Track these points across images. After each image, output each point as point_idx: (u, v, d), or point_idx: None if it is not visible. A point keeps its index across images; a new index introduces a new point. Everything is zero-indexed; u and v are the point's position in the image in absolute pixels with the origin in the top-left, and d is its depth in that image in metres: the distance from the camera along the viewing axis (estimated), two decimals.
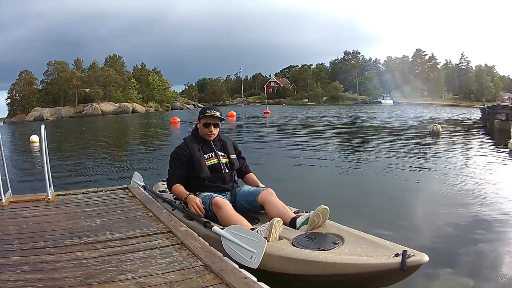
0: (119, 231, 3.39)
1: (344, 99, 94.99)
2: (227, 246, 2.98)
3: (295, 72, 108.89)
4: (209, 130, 4.08)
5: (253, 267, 2.71)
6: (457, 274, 3.41)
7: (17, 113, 77.79)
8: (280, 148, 13.42)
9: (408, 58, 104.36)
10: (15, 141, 23.75)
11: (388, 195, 6.36)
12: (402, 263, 2.45)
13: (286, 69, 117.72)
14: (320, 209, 3.29)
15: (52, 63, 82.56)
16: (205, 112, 4.10)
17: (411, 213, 5.30)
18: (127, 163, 11.40)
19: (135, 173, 5.89)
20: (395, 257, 2.55)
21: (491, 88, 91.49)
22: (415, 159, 10.10)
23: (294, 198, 4.82)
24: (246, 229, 3.02)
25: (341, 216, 3.74)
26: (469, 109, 38.40)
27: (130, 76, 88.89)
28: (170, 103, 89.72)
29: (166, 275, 2.46)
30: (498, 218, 4.89)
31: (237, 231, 2.98)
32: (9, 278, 2.44)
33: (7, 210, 4.23)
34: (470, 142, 14.97)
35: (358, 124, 26.31)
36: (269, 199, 3.68)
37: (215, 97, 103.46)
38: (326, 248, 2.88)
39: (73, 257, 2.81)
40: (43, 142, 4.79)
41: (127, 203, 4.51)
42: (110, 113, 74.11)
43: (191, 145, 4.06)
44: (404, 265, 2.44)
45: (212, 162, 4.04)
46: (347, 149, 12.95)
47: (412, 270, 2.50)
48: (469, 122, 26.48)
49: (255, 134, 20.08)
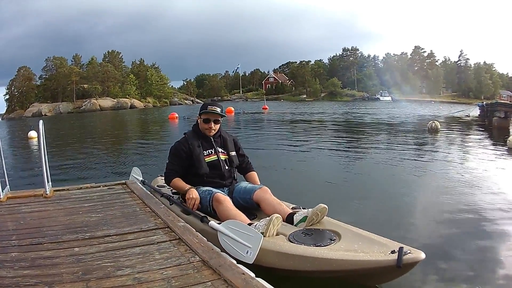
0: (117, 227, 3.39)
1: (343, 96, 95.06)
2: (223, 241, 2.98)
3: (294, 68, 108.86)
4: (209, 126, 4.06)
5: (248, 262, 2.70)
6: (454, 272, 3.40)
7: (16, 109, 77.69)
8: (278, 144, 13.42)
9: (407, 55, 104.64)
10: (13, 137, 23.70)
11: (386, 192, 6.38)
12: (398, 260, 2.43)
13: (285, 65, 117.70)
14: (320, 208, 3.28)
15: (50, 59, 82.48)
16: (206, 108, 4.07)
17: (409, 209, 5.30)
18: (125, 159, 11.39)
19: (134, 168, 5.90)
20: (391, 254, 2.54)
21: (489, 86, 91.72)
22: (413, 156, 10.12)
23: (292, 193, 4.84)
24: (243, 224, 3.03)
25: (338, 212, 3.76)
26: (468, 107, 38.44)
27: (129, 71, 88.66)
28: (168, 99, 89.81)
29: (163, 271, 2.46)
30: (496, 215, 4.88)
31: (234, 226, 2.98)
32: (7, 274, 2.44)
33: (5, 206, 4.22)
34: (469, 139, 14.98)
35: (356, 121, 26.33)
36: (264, 197, 3.69)
37: (213, 93, 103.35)
38: (323, 244, 2.87)
39: (71, 252, 2.80)
40: (41, 137, 4.78)
41: (125, 198, 4.50)
42: (108, 108, 74.07)
43: (191, 140, 4.04)
44: (400, 263, 2.42)
45: (211, 159, 4.03)
46: (345, 145, 12.92)
47: (409, 267, 2.49)
48: (468, 120, 26.54)
49: (253, 130, 20.05)
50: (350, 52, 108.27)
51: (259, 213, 3.70)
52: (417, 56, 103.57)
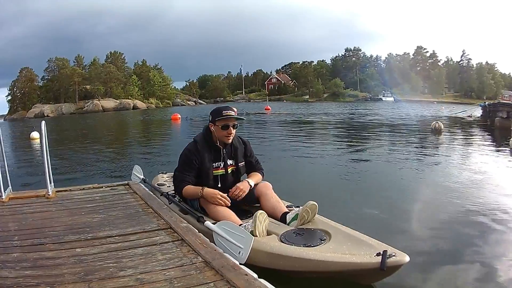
0: (119, 227, 3.39)
1: (345, 96, 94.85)
2: (217, 241, 3.03)
3: (296, 69, 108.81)
4: (228, 132, 3.76)
5: (241, 262, 2.72)
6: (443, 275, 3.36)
7: (18, 110, 77.85)
8: (280, 144, 13.43)
9: (409, 55, 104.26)
10: (16, 138, 23.71)
11: (386, 192, 6.30)
12: (382, 263, 2.49)
13: (287, 65, 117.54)
14: (309, 205, 3.32)
15: (53, 59, 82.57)
16: (221, 114, 3.74)
17: (406, 211, 5.21)
18: (128, 159, 11.37)
19: (135, 166, 5.93)
20: (376, 256, 2.58)
21: (492, 86, 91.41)
22: (417, 156, 10.10)
23: (289, 192, 4.80)
24: (234, 225, 3.07)
25: (334, 211, 3.82)
26: (470, 107, 38.37)
27: (131, 72, 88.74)
28: (171, 100, 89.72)
29: (166, 272, 2.46)
30: (496, 218, 4.77)
31: (227, 227, 3.03)
32: (8, 275, 2.44)
33: (7, 206, 4.22)
34: (471, 140, 14.96)
35: (359, 121, 26.31)
36: (265, 192, 3.70)
37: (216, 93, 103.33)
38: (313, 244, 2.93)
39: (73, 253, 2.80)
40: (43, 138, 4.77)
41: (127, 199, 4.50)
42: (111, 109, 74.13)
43: (202, 152, 3.78)
44: (384, 265, 2.48)
45: (218, 172, 3.87)
46: (347, 146, 12.91)
47: (392, 270, 2.55)
48: (470, 120, 26.50)
49: (256, 130, 20.03)
50: (353, 52, 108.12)
51: (255, 210, 3.68)
52: (419, 56, 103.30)
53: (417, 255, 3.36)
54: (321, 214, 3.41)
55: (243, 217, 3.57)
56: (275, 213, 3.51)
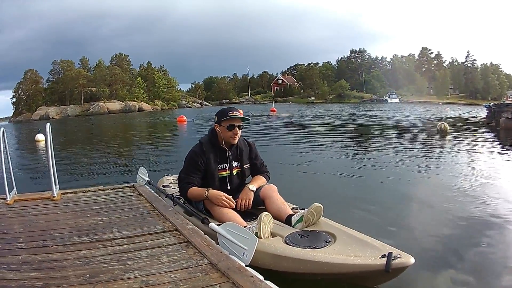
0: (125, 230, 3.38)
1: (351, 98, 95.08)
2: (222, 242, 3.01)
3: (302, 71, 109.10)
4: (234, 133, 3.76)
5: (245, 263, 2.70)
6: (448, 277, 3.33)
7: (23, 112, 78.23)
8: (285, 146, 13.39)
9: (414, 57, 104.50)
10: (21, 140, 23.86)
11: (391, 194, 6.28)
12: (386, 265, 2.47)
13: (293, 67, 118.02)
14: (314, 207, 3.30)
15: (58, 62, 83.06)
16: (227, 114, 3.75)
17: (411, 213, 5.22)
18: (134, 161, 11.37)
19: (140, 168, 5.90)
20: (381, 258, 2.56)
21: (496, 87, 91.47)
22: (423, 157, 10.08)
23: (294, 194, 4.79)
24: (239, 226, 3.03)
25: (339, 213, 3.79)
26: (475, 108, 38.25)
27: (137, 74, 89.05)
28: (177, 102, 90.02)
29: (172, 274, 2.45)
30: (503, 219, 4.72)
31: (231, 228, 3.00)
32: (13, 277, 2.43)
33: (12, 209, 4.23)
34: (477, 140, 14.86)
35: (364, 123, 26.23)
36: (270, 195, 3.67)
37: (221, 95, 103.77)
38: (317, 246, 2.91)
39: (78, 255, 2.79)
40: (48, 140, 4.78)
41: (133, 201, 4.50)
42: (116, 111, 74.45)
43: (208, 153, 3.78)
44: (388, 267, 2.46)
45: (223, 174, 3.87)
46: (352, 147, 12.89)
47: (397, 272, 2.52)
48: (475, 121, 26.39)
49: (262, 132, 20.03)
50: (358, 54, 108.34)
51: (260, 212, 3.67)
52: (424, 57, 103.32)
53: (422, 257, 3.32)
54: (326, 216, 3.39)
55: (248, 219, 3.54)
56: (280, 215, 3.49)
